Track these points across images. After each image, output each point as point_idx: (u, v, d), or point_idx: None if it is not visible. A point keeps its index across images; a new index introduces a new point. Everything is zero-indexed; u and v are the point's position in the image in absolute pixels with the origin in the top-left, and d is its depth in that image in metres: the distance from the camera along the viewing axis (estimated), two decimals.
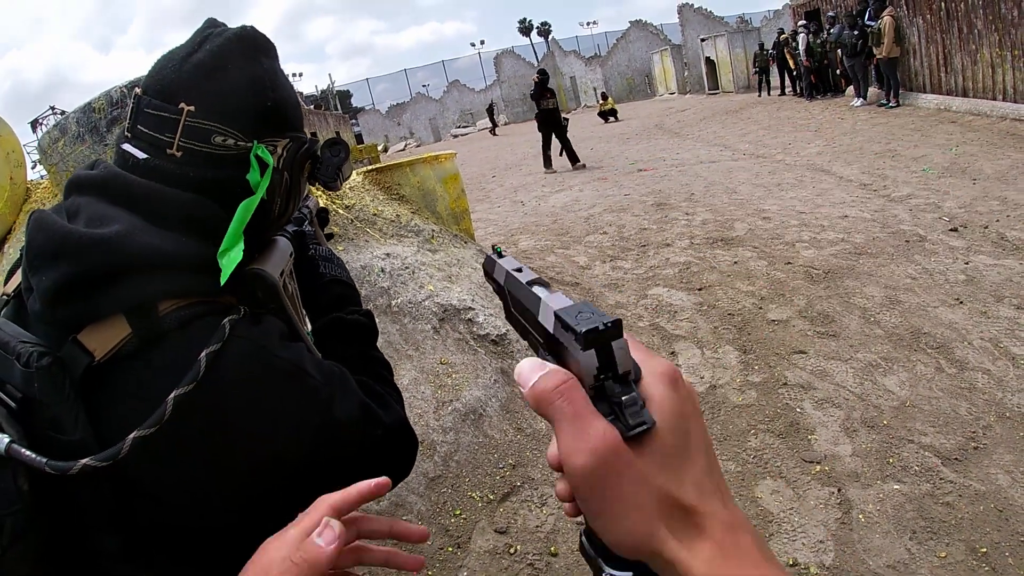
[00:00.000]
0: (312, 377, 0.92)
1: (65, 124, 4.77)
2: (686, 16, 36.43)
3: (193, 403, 0.82)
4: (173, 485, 0.85)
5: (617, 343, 0.47)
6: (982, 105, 11.88)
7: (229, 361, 0.86)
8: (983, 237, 6.00)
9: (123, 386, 0.84)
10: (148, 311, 0.86)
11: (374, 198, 5.92)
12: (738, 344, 4.59)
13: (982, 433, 3.43)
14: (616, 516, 0.46)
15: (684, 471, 0.47)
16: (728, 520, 0.46)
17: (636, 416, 0.46)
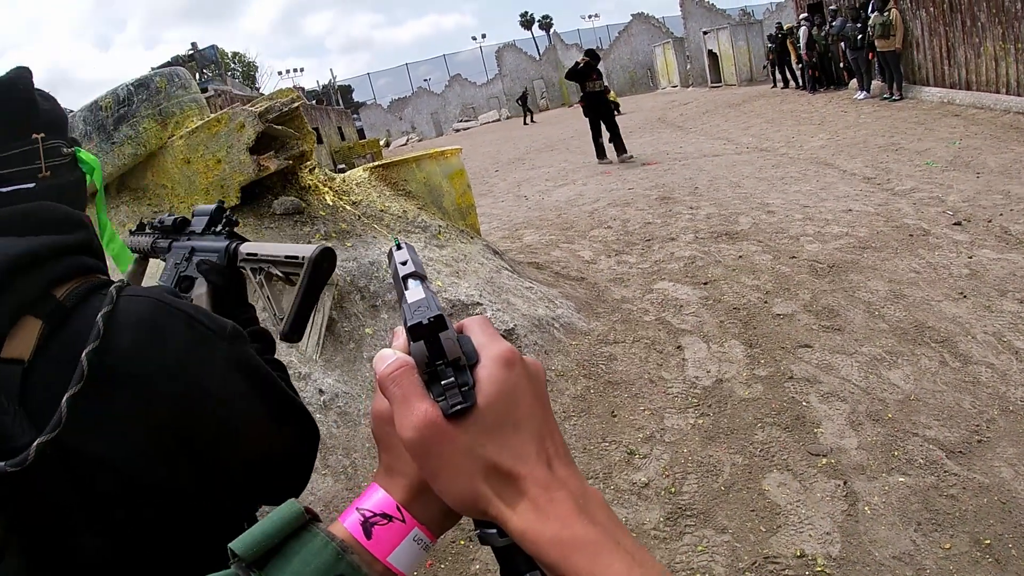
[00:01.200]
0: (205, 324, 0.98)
1: (72, 121, 4.78)
2: (688, 9, 36.36)
3: (105, 359, 0.87)
4: (117, 445, 0.88)
5: (445, 334, 0.53)
6: (985, 98, 11.87)
7: (128, 316, 0.91)
8: (987, 231, 6.03)
9: (51, 371, 0.87)
10: (46, 299, 0.91)
11: (380, 194, 5.95)
12: (744, 338, 4.62)
13: (986, 427, 3.46)
14: (445, 480, 0.53)
15: (507, 441, 0.52)
16: (545, 481, 0.51)
17: (456, 396, 0.52)
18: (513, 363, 0.55)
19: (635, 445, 3.67)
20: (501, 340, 0.57)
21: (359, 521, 0.57)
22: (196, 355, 0.94)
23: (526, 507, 0.51)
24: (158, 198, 4.88)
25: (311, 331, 4.29)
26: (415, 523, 0.58)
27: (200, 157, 4.78)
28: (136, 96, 4.82)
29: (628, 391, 4.19)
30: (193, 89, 5.27)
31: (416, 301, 0.57)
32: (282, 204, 4.99)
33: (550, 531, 0.50)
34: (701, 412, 3.88)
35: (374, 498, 0.59)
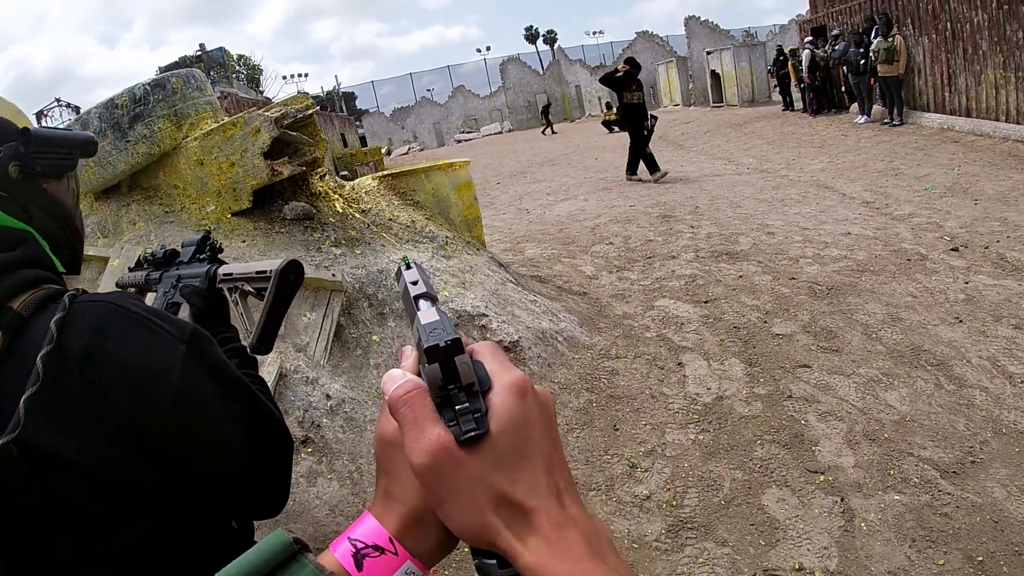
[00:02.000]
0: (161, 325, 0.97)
1: (87, 119, 4.83)
2: (692, 28, 36.53)
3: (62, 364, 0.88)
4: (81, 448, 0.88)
5: (460, 358, 0.53)
6: (985, 126, 11.98)
7: (82, 319, 0.92)
8: (983, 257, 6.12)
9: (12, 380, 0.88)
10: (3, 311, 0.93)
11: (389, 203, 6.02)
12: (744, 357, 4.70)
13: (979, 448, 3.55)
14: (454, 508, 0.53)
15: (519, 472, 0.52)
16: (558, 518, 0.51)
17: (469, 423, 0.52)
18: (526, 392, 0.55)
19: (637, 458, 3.75)
20: (513, 368, 0.57)
21: (350, 552, 0.57)
22: (151, 356, 0.93)
23: (538, 543, 0.51)
24: (169, 198, 4.93)
25: (320, 336, 4.35)
26: (407, 556, 0.57)
27: (214, 159, 4.83)
28: (152, 96, 4.86)
29: (630, 405, 4.27)
30: (208, 91, 5.33)
31: (431, 323, 0.56)
32: (293, 209, 5.05)
33: (563, 570, 0.49)
34: (702, 428, 3.95)
35: (366, 528, 0.58)
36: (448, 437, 0.52)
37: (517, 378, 0.55)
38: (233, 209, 4.89)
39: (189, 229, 4.68)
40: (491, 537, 0.52)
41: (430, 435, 0.52)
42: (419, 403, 0.54)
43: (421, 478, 0.53)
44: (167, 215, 4.79)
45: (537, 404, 0.56)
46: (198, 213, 4.84)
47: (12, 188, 1.03)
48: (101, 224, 4.82)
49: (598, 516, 3.32)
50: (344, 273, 4.63)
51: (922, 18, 13.71)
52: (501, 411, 0.53)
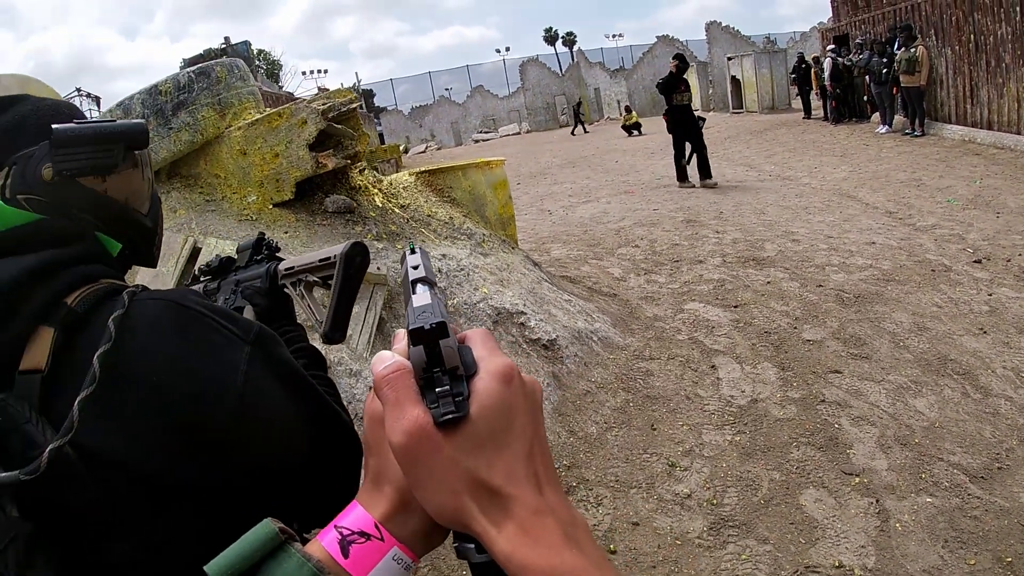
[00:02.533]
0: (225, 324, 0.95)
1: (129, 104, 4.86)
2: (713, 34, 36.52)
3: (118, 361, 0.85)
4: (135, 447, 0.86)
5: (445, 342, 0.54)
6: (1006, 139, 12.01)
7: (142, 318, 0.90)
8: (1006, 270, 6.21)
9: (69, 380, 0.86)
10: (58, 307, 0.90)
11: (427, 199, 6.15)
12: (776, 361, 4.81)
13: (1005, 455, 3.67)
14: (429, 489, 0.53)
15: (497, 457, 0.53)
16: (535, 505, 0.52)
17: (449, 405, 0.52)
18: (511, 379, 0.55)
19: (676, 458, 3.87)
20: (501, 355, 0.57)
21: (336, 539, 0.57)
22: (214, 355, 0.91)
23: (513, 530, 0.51)
24: (210, 187, 5.00)
25: (363, 328, 4.45)
26: (394, 542, 0.57)
27: (257, 150, 4.88)
28: (197, 84, 4.92)
29: (666, 406, 4.39)
30: (251, 82, 5.39)
31: (421, 306, 0.57)
32: (334, 202, 5.13)
33: (538, 558, 0.49)
34: (738, 430, 4.07)
35: (352, 515, 0.59)
36: (426, 418, 0.53)
37: (503, 364, 0.56)
38: (275, 200, 4.95)
39: (231, 218, 4.77)
40: (465, 521, 0.53)
41: (409, 415, 0.53)
42: (402, 384, 0.55)
43: (398, 458, 0.54)
44: (208, 204, 4.88)
45: (522, 392, 0.56)
46: (239, 203, 4.92)
47: (46, 190, 0.98)
48: None
49: (637, 513, 3.45)
50: (387, 267, 4.74)
51: (946, 29, 13.75)
52: (483, 396, 0.54)
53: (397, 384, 0.55)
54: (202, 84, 4.95)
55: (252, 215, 4.84)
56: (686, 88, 12.21)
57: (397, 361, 0.56)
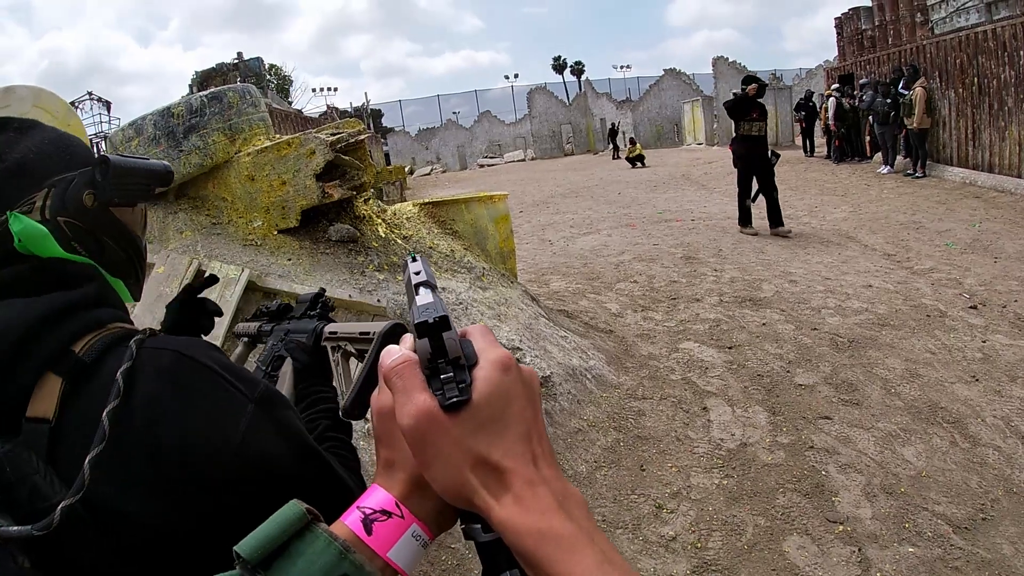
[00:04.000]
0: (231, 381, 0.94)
1: (142, 125, 4.93)
2: (720, 68, 36.71)
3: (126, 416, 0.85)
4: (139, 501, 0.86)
5: (448, 334, 0.59)
6: (1007, 182, 12.12)
7: (147, 369, 0.90)
8: (1001, 316, 6.26)
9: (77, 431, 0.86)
10: (66, 355, 0.90)
11: (429, 231, 6.21)
12: (767, 405, 4.85)
13: (990, 505, 3.71)
14: (436, 468, 0.58)
15: (497, 438, 0.58)
16: (530, 477, 0.57)
17: (453, 391, 0.58)
18: (509, 368, 0.60)
19: (663, 500, 3.90)
20: (500, 347, 0.62)
21: (360, 519, 0.61)
22: (214, 411, 0.90)
23: (509, 499, 0.56)
24: (217, 210, 5.05)
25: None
26: (413, 519, 0.62)
27: (265, 176, 4.94)
28: (209, 108, 4.99)
29: (656, 447, 4.42)
30: (262, 108, 5.45)
31: (424, 304, 0.62)
32: (338, 231, 5.19)
33: (529, 522, 0.54)
34: (726, 473, 4.11)
35: (374, 497, 0.63)
36: (433, 403, 0.58)
37: (502, 355, 0.61)
38: (280, 226, 5.02)
39: (235, 242, 4.82)
40: (469, 495, 0.57)
41: (417, 401, 0.58)
42: (409, 373, 0.60)
43: (408, 440, 0.59)
44: (214, 227, 4.94)
45: (520, 380, 0.61)
46: (245, 227, 4.98)
47: (85, 216, 1.01)
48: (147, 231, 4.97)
49: (622, 554, 3.48)
50: (387, 299, 4.80)
51: (950, 72, 13.90)
52: (484, 383, 0.59)
53: (405, 374, 0.60)
54: (214, 108, 5.02)
55: (257, 240, 4.90)
56: (760, 115, 10.51)
57: (404, 354, 0.62)
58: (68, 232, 0.99)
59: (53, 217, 0.98)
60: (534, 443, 0.59)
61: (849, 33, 20.32)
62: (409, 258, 0.75)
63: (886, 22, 17.58)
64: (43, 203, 0.98)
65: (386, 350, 0.64)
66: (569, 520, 0.55)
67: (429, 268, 0.73)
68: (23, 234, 0.95)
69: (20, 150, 1.01)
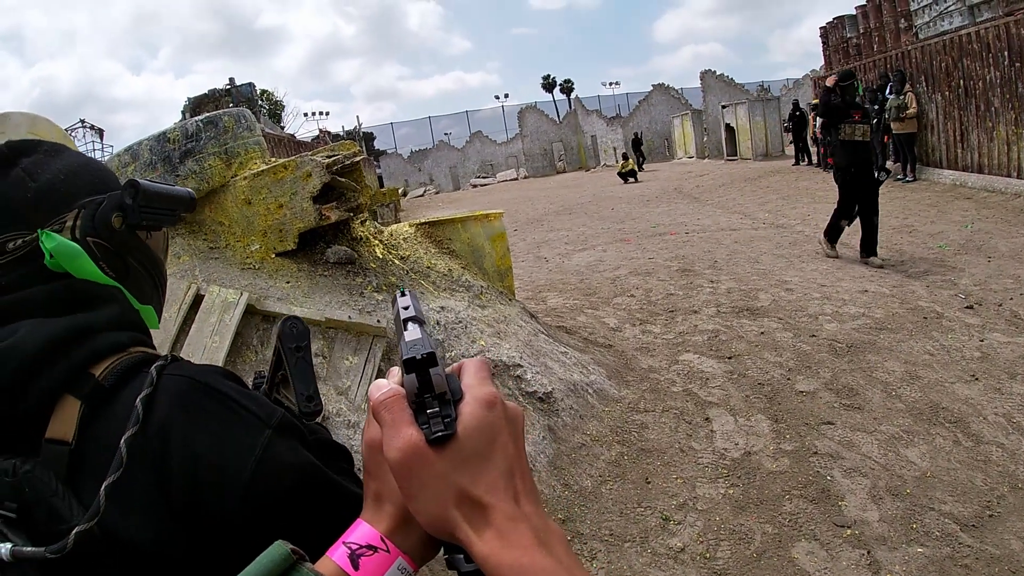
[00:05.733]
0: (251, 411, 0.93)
1: (137, 150, 4.93)
2: (708, 82, 37.04)
3: (143, 443, 0.85)
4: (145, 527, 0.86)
5: (434, 370, 0.61)
6: (997, 182, 12.17)
7: (167, 398, 0.89)
8: (997, 315, 6.27)
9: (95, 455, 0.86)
10: (85, 378, 0.90)
11: (427, 251, 6.22)
12: (769, 413, 4.86)
13: (996, 502, 3.70)
14: (420, 501, 0.59)
15: (480, 473, 0.59)
16: (511, 513, 0.58)
17: (439, 425, 0.59)
18: (494, 404, 0.62)
19: (669, 511, 3.90)
20: (488, 384, 0.64)
21: (346, 554, 0.62)
22: (228, 442, 0.89)
23: (491, 535, 0.57)
24: (214, 234, 5.05)
25: (361, 380, 4.48)
26: (399, 552, 0.63)
27: (262, 200, 4.94)
28: (204, 133, 5.00)
29: (660, 459, 4.43)
30: (257, 132, 5.45)
31: (413, 340, 0.64)
32: (336, 253, 5.19)
33: (510, 557, 0.55)
34: (731, 483, 4.11)
35: (359, 531, 0.64)
36: (419, 437, 0.59)
37: (488, 392, 0.62)
38: (278, 249, 5.02)
39: (234, 266, 4.82)
40: (451, 529, 0.59)
41: (404, 435, 0.60)
42: (397, 407, 0.61)
43: (394, 472, 0.60)
44: (212, 251, 4.93)
45: (505, 417, 0.63)
46: (243, 251, 4.97)
47: (113, 238, 1.02)
48: None
49: (631, 567, 3.48)
50: (387, 320, 4.80)
51: (935, 75, 14.00)
52: (469, 418, 0.60)
53: (393, 407, 0.62)
54: (210, 133, 5.03)
55: (255, 264, 4.89)
56: (863, 117, 8.54)
57: (392, 388, 0.63)
58: (97, 253, 1.01)
59: (83, 238, 1.00)
60: (516, 479, 0.61)
61: (835, 42, 20.50)
62: (398, 293, 0.78)
63: (870, 29, 17.74)
64: (73, 223, 1.00)
65: (375, 384, 0.65)
66: (549, 556, 0.56)
67: (418, 303, 0.75)
68: (56, 251, 0.96)
69: (51, 171, 1.02)
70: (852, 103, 8.48)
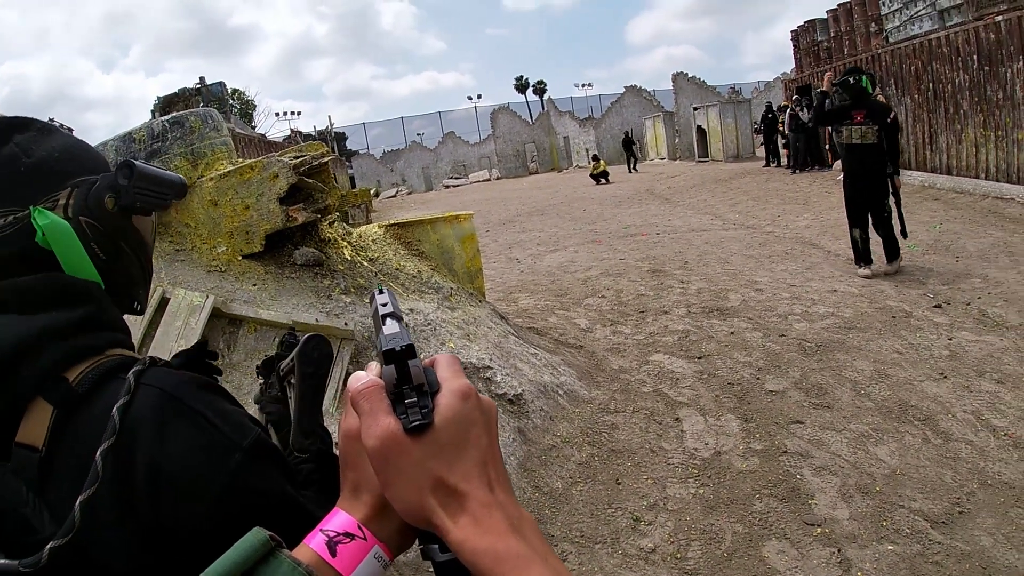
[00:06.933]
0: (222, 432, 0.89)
1: (103, 150, 4.73)
2: (680, 84, 37.25)
3: (116, 455, 0.83)
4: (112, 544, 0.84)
5: (413, 362, 0.63)
6: (965, 183, 12.33)
7: (139, 409, 0.86)
8: (965, 314, 6.33)
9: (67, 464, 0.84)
10: (58, 382, 0.87)
11: (396, 252, 6.17)
12: (739, 412, 4.85)
13: (966, 499, 3.71)
14: (398, 488, 0.61)
15: (456, 461, 0.61)
16: (486, 500, 0.59)
17: (416, 415, 0.61)
18: (469, 396, 0.64)
19: (640, 512, 3.87)
20: (462, 377, 0.66)
21: (324, 541, 0.63)
22: (197, 458, 0.86)
23: (466, 521, 0.58)
24: (180, 236, 4.97)
25: (330, 383, 4.44)
26: (375, 540, 0.64)
27: (228, 201, 4.87)
28: (170, 133, 4.92)
29: (631, 460, 4.40)
30: (224, 132, 5.36)
31: (392, 333, 0.65)
32: (303, 255, 5.12)
33: (485, 543, 0.57)
34: (701, 483, 4.09)
35: (337, 519, 0.65)
36: (397, 426, 0.61)
37: (463, 384, 0.64)
38: (244, 252, 4.94)
39: (200, 268, 4.74)
40: (428, 515, 0.60)
41: (382, 423, 0.61)
42: (375, 397, 0.63)
43: (372, 461, 0.62)
44: (178, 253, 4.84)
45: (479, 409, 0.65)
46: (209, 253, 4.89)
47: (105, 219, 1.01)
48: None
49: (603, 568, 3.45)
50: (355, 322, 4.74)
51: (905, 79, 14.17)
52: (445, 409, 0.62)
53: (372, 397, 0.63)
54: (176, 133, 4.96)
55: (221, 266, 4.81)
56: (866, 117, 7.75)
57: (371, 379, 0.65)
58: (88, 233, 1.00)
59: (75, 217, 0.99)
60: (490, 468, 0.62)
61: (805, 45, 20.71)
62: (376, 290, 0.78)
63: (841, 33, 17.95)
64: (66, 202, 0.99)
65: (354, 376, 0.66)
66: (523, 541, 0.58)
67: (396, 301, 0.76)
68: (48, 228, 0.94)
69: (45, 148, 1.01)
70: (852, 104, 7.87)
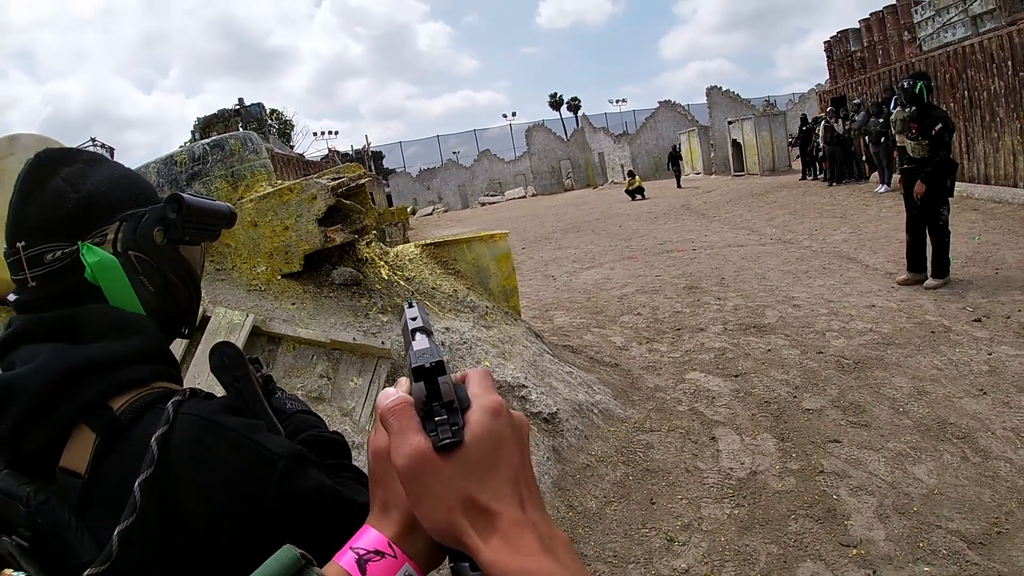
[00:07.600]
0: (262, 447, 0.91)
1: (145, 172, 4.90)
2: (714, 98, 37.06)
3: (155, 485, 0.84)
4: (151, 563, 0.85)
5: (442, 379, 0.62)
6: (1003, 192, 12.15)
7: (179, 438, 0.87)
8: (1005, 327, 6.23)
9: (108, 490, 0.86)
10: (102, 410, 0.89)
11: (432, 272, 6.25)
12: (776, 432, 4.83)
13: (1004, 519, 3.66)
14: (427, 507, 0.60)
15: (487, 480, 0.59)
16: (517, 519, 0.58)
17: (446, 433, 0.60)
18: (500, 413, 0.62)
19: (674, 532, 3.88)
20: (493, 393, 0.65)
21: (354, 559, 0.63)
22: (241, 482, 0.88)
23: (497, 540, 0.57)
24: (220, 256, 5.08)
25: (366, 401, 4.47)
26: (405, 558, 0.64)
27: (268, 222, 4.98)
28: (211, 156, 5.07)
29: (666, 479, 4.41)
30: (263, 154, 5.50)
31: (421, 349, 0.65)
32: (341, 275, 5.22)
33: (517, 563, 0.55)
34: (736, 503, 4.08)
35: (367, 537, 0.65)
36: (427, 444, 0.60)
37: (494, 401, 0.63)
38: (284, 271, 5.04)
39: (240, 288, 4.85)
40: (458, 535, 0.59)
41: (412, 441, 0.60)
42: (405, 415, 0.62)
43: (402, 479, 0.61)
44: (218, 272, 4.96)
45: (511, 425, 0.63)
46: (249, 273, 5.00)
47: (154, 252, 1.03)
48: None
49: None
50: (391, 341, 4.81)
51: (940, 87, 13.98)
52: (476, 426, 0.61)
53: (401, 415, 0.62)
54: (216, 156, 5.10)
55: (261, 285, 4.91)
56: (922, 130, 7.55)
57: (401, 396, 0.64)
58: (137, 267, 1.01)
59: (124, 251, 1.00)
60: (522, 486, 0.61)
61: (839, 56, 20.56)
62: (406, 304, 0.78)
63: (875, 42, 17.80)
64: (115, 236, 1.00)
65: (383, 393, 0.66)
66: (555, 561, 0.56)
67: (425, 314, 0.76)
68: (97, 266, 0.96)
69: (92, 181, 1.02)
70: (922, 111, 7.62)
